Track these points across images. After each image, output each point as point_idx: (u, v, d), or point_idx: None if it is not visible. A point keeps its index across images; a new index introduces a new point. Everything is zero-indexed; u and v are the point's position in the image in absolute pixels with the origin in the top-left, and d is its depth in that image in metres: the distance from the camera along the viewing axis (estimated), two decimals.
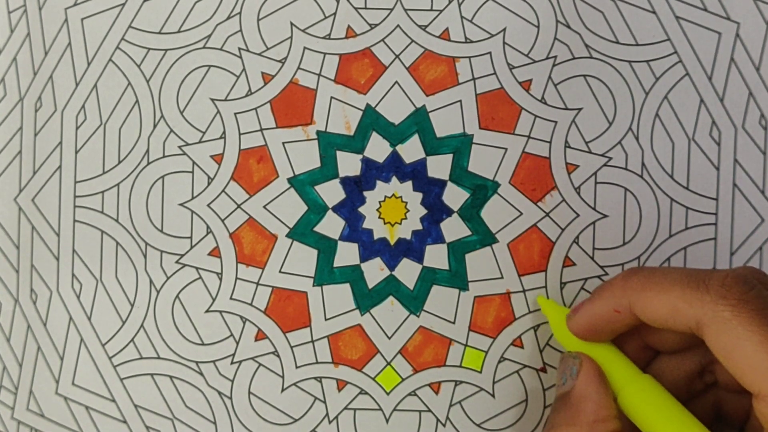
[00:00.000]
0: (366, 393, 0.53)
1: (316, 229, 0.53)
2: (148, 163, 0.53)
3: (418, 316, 0.53)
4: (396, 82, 0.53)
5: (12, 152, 0.53)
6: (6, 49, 0.54)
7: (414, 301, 0.53)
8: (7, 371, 0.54)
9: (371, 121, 0.53)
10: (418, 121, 0.53)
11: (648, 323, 0.46)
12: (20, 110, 0.53)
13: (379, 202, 0.53)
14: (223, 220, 0.53)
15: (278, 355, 0.53)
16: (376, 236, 0.53)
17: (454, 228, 0.53)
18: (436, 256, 0.53)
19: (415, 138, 0.53)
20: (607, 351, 0.48)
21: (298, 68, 0.53)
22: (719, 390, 0.49)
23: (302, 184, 0.53)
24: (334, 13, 0.53)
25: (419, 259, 0.53)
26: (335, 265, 0.53)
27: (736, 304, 0.42)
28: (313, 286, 0.53)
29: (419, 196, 0.53)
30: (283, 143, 0.53)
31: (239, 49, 0.53)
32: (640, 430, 0.47)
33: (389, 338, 0.53)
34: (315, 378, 0.53)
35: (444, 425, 0.53)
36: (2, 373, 0.54)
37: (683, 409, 0.46)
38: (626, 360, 0.48)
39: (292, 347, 0.53)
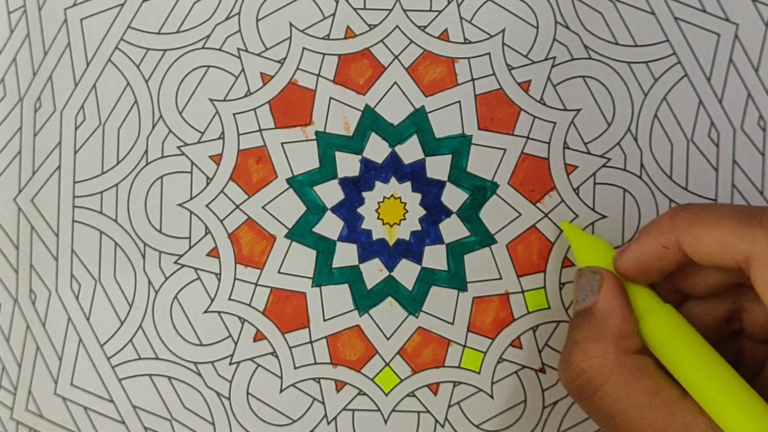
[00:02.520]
0: (364, 394, 0.53)
1: (314, 229, 0.53)
2: (147, 164, 0.53)
3: (416, 317, 0.53)
4: (395, 82, 0.53)
5: (12, 152, 0.53)
6: (6, 50, 0.54)
7: (413, 302, 0.53)
8: (6, 371, 0.54)
9: (370, 121, 0.53)
10: (417, 122, 0.53)
11: (696, 260, 0.45)
12: (20, 110, 0.54)
13: (378, 202, 0.53)
14: (221, 221, 0.53)
15: (277, 356, 0.53)
16: (374, 237, 0.53)
17: (452, 229, 0.53)
18: (435, 257, 0.53)
19: (414, 139, 0.53)
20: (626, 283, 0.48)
21: (297, 69, 0.53)
22: (743, 338, 0.49)
23: (301, 185, 0.53)
24: (333, 14, 0.53)
25: (418, 259, 0.53)
26: (334, 265, 0.53)
27: None
28: (312, 286, 0.53)
29: (418, 196, 0.53)
30: (282, 144, 0.53)
31: (238, 49, 0.53)
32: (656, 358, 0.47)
33: (388, 339, 0.53)
34: (313, 379, 0.53)
35: (443, 426, 0.53)
36: (1, 373, 0.54)
37: (704, 341, 0.46)
38: (647, 288, 0.48)
39: (290, 348, 0.53)
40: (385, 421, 0.53)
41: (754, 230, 0.43)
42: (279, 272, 0.53)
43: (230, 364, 0.53)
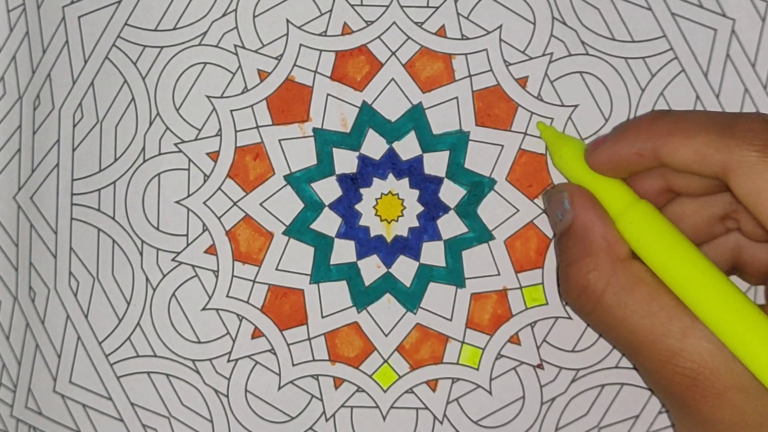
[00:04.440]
0: (363, 391, 0.53)
1: (312, 226, 0.53)
2: (144, 161, 0.53)
3: (414, 314, 0.53)
4: (392, 79, 0.53)
5: (11, 150, 0.54)
6: (5, 48, 0.54)
7: (411, 299, 0.53)
8: (6, 369, 0.54)
9: (367, 118, 0.53)
10: (415, 118, 0.53)
11: (673, 168, 0.45)
12: (19, 108, 0.54)
13: (376, 199, 0.53)
14: (219, 218, 0.53)
15: (275, 353, 0.53)
16: (372, 233, 0.53)
17: (450, 225, 0.53)
18: (433, 254, 0.53)
19: (412, 135, 0.53)
20: (602, 180, 0.48)
21: (294, 65, 0.53)
22: (741, 237, 0.49)
23: (298, 182, 0.53)
24: (330, 10, 0.53)
25: (416, 256, 0.53)
26: (332, 262, 0.53)
27: (762, 148, 0.42)
28: (310, 283, 0.53)
29: (416, 193, 0.53)
30: (280, 140, 0.53)
31: (235, 46, 0.53)
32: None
33: (386, 336, 0.53)
34: (312, 376, 0.53)
35: (441, 423, 0.53)
36: (1, 371, 0.54)
37: (682, 236, 0.46)
38: (621, 185, 0.48)
39: (288, 345, 0.53)
40: (384, 418, 0.53)
41: (728, 140, 0.43)
42: (277, 269, 0.53)
43: (228, 361, 0.53)
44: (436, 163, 0.53)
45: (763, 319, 0.43)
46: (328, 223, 0.53)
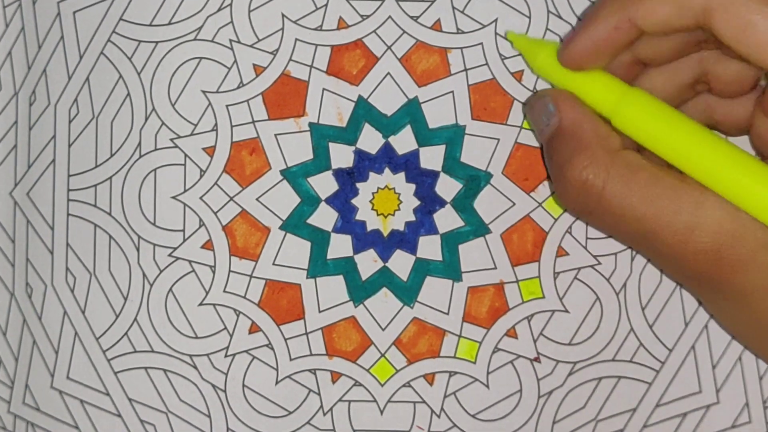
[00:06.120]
0: (360, 385, 0.53)
1: (309, 221, 0.53)
2: (140, 156, 0.53)
3: (411, 308, 0.53)
4: (388, 73, 0.53)
5: (7, 147, 0.54)
6: (1, 44, 0.54)
7: (408, 293, 0.53)
8: (3, 365, 0.54)
9: (364, 112, 0.53)
10: (411, 112, 0.53)
11: (652, 31, 0.44)
12: (15, 104, 0.54)
13: (372, 193, 0.53)
14: (215, 213, 0.53)
15: (272, 348, 0.53)
16: (369, 228, 0.53)
17: (447, 219, 0.53)
18: (430, 247, 0.53)
19: (408, 129, 0.53)
20: (586, 75, 0.47)
21: (290, 60, 0.53)
22: (710, 98, 0.48)
23: (295, 176, 0.53)
24: (326, 5, 0.53)
25: (412, 250, 0.53)
26: (328, 257, 0.53)
27: None
28: (307, 278, 0.53)
29: (412, 187, 0.53)
30: (276, 135, 0.53)
31: (230, 40, 0.53)
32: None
33: (383, 330, 0.53)
34: (309, 370, 0.53)
35: (438, 416, 0.53)
36: None
37: (682, 114, 0.45)
38: (610, 78, 0.47)
39: (285, 339, 0.53)
40: (381, 412, 0.53)
41: None
42: (274, 264, 0.53)
43: (226, 356, 0.53)
44: (432, 157, 0.53)
45: None
46: (324, 217, 0.53)
